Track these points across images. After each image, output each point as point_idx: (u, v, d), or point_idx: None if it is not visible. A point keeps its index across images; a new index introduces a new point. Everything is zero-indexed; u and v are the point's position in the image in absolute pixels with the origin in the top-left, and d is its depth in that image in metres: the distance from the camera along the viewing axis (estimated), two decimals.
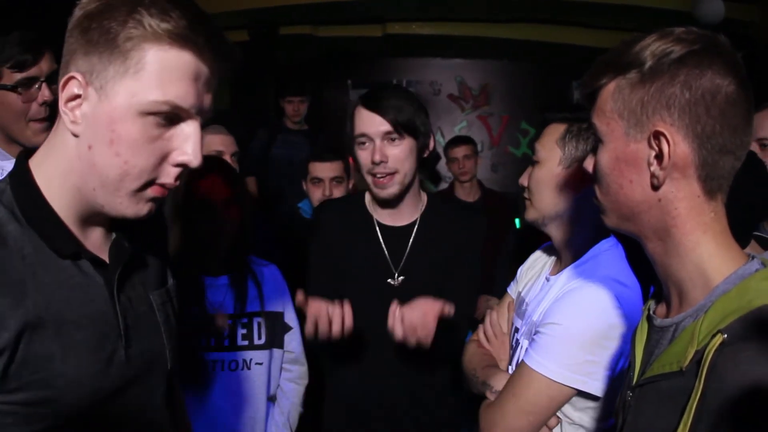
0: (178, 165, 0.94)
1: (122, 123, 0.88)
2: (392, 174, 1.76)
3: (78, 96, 0.89)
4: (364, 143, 1.78)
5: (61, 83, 0.90)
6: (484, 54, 6.51)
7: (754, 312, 0.82)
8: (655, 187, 0.92)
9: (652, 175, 0.91)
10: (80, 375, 0.94)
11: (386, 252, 1.88)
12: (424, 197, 1.95)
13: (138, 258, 1.10)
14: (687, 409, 0.83)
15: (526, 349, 1.49)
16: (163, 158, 0.93)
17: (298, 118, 4.48)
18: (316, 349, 2.11)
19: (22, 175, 0.96)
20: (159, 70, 0.88)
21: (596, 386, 1.36)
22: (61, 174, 0.95)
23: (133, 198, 0.94)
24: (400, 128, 1.74)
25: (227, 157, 2.53)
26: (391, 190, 1.78)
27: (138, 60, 0.87)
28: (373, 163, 1.75)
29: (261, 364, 2.06)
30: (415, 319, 1.55)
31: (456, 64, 6.69)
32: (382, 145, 1.74)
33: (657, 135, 0.90)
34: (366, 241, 1.90)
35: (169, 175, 0.95)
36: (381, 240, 1.89)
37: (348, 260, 1.87)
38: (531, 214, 1.55)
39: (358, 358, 1.90)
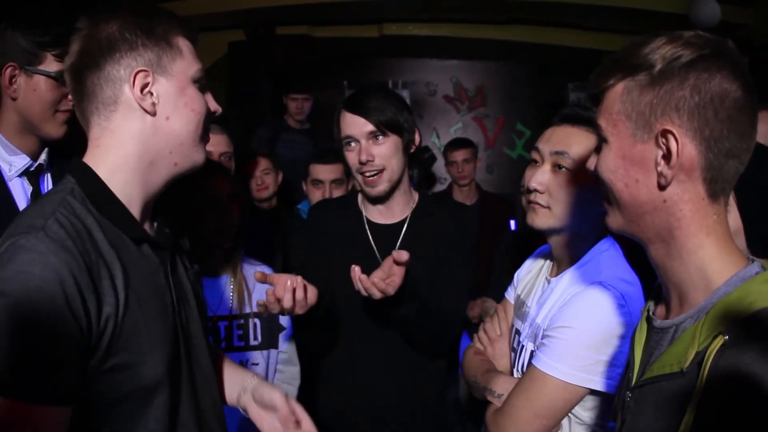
0: (212, 113, 1.25)
1: (188, 89, 1.18)
2: (380, 172, 1.81)
3: (147, 84, 1.13)
4: (350, 144, 1.83)
5: (131, 79, 1.12)
6: (480, 55, 6.52)
7: (755, 314, 0.82)
8: (662, 187, 0.92)
9: (660, 175, 0.92)
10: (159, 338, 1.13)
11: (376, 250, 1.89)
12: (416, 196, 1.97)
13: (176, 244, 1.32)
14: (688, 410, 0.83)
15: (533, 352, 1.49)
16: (208, 111, 1.23)
17: (301, 117, 4.45)
18: (308, 349, 2.12)
19: (87, 174, 1.13)
20: (188, 51, 1.19)
21: (610, 384, 1.37)
22: (128, 165, 1.15)
23: (201, 145, 1.22)
24: (383, 127, 1.79)
25: (215, 158, 2.52)
26: (381, 187, 1.83)
27: (175, 45, 1.16)
28: (360, 162, 1.80)
29: (257, 364, 2.06)
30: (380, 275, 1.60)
31: (452, 66, 6.70)
32: (367, 145, 1.80)
33: (665, 133, 0.90)
34: (356, 239, 1.92)
35: (209, 124, 1.25)
36: (371, 238, 1.91)
37: (339, 259, 1.88)
38: (547, 222, 1.48)
39: (348, 356, 1.91)
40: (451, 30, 5.88)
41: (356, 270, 1.56)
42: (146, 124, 1.14)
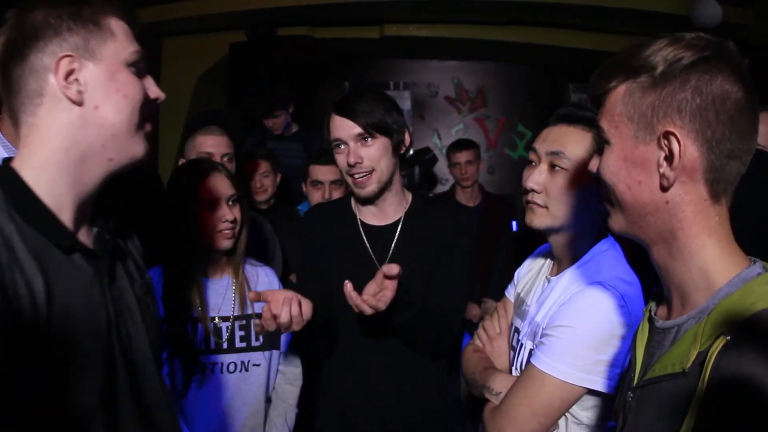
0: (152, 101, 1.15)
1: (120, 73, 1.07)
2: (370, 173, 1.82)
3: (72, 71, 1.03)
4: (339, 146, 1.84)
5: (54, 66, 1.01)
6: (481, 56, 6.52)
7: (756, 315, 0.83)
8: (664, 189, 0.93)
9: (662, 176, 0.92)
10: (88, 362, 1.01)
11: (371, 252, 1.90)
12: (409, 196, 1.98)
13: (119, 250, 1.20)
14: (690, 411, 0.83)
15: (532, 351, 1.49)
16: (146, 98, 1.12)
17: (278, 132, 4.45)
18: (307, 350, 2.12)
19: (10, 178, 1.02)
20: (122, 32, 1.09)
21: (609, 384, 1.37)
22: (54, 163, 1.03)
23: (139, 135, 1.10)
24: (371, 129, 1.80)
25: (216, 159, 2.52)
26: (370, 188, 1.83)
27: (105, 26, 1.06)
28: (349, 165, 1.81)
29: (259, 365, 2.06)
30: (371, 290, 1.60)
31: (453, 66, 6.69)
32: (355, 147, 1.80)
33: (667, 135, 0.91)
34: (351, 241, 1.92)
35: (149, 112, 1.14)
36: (365, 240, 1.91)
37: (334, 261, 1.90)
38: (545, 221, 1.50)
39: (346, 357, 1.91)
40: (451, 31, 5.87)
41: (348, 286, 1.56)
42: (73, 115, 1.03)
